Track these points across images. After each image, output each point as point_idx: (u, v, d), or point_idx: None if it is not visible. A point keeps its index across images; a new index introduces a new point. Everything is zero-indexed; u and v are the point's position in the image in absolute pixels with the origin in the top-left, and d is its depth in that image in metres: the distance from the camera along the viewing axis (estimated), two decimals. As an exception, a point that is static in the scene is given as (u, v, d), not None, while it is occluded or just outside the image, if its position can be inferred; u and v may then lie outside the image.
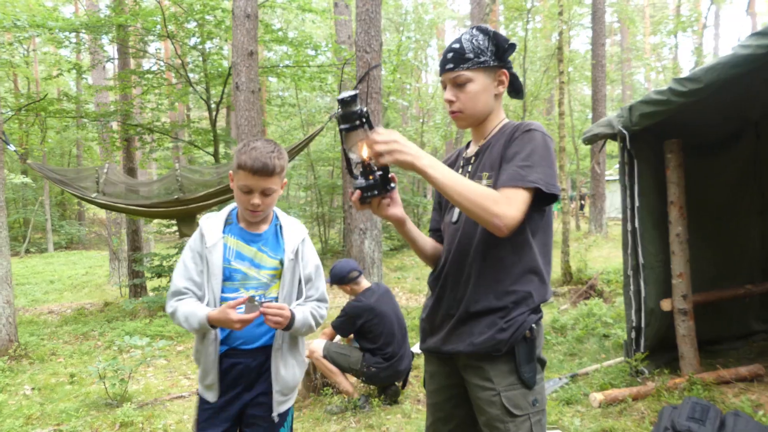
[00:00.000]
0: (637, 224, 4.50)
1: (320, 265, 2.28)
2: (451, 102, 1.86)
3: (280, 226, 2.23)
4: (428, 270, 2.10)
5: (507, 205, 1.64)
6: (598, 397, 4.08)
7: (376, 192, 1.68)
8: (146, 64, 12.71)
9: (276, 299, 2.14)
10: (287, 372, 2.17)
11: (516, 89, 1.92)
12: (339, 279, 4.55)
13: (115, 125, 11.78)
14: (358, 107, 1.61)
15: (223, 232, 2.14)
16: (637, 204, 4.48)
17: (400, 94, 17.94)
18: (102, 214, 19.07)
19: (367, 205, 1.74)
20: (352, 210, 6.80)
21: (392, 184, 1.71)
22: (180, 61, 10.98)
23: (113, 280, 13.33)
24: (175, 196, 7.54)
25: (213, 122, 11.30)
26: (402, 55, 15.15)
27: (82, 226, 25.87)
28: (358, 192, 1.68)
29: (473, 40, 1.83)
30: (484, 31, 1.85)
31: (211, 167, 9.33)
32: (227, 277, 2.10)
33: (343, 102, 1.61)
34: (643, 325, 4.57)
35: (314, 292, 2.23)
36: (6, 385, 5.53)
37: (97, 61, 12.53)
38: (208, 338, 2.09)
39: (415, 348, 5.71)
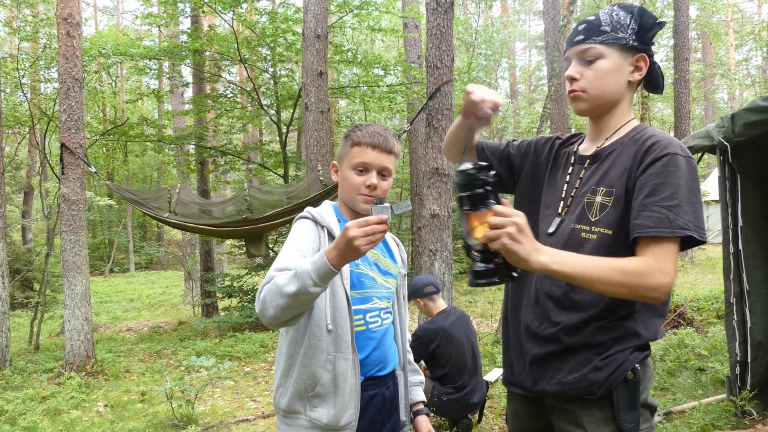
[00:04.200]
0: (741, 246, 4.03)
1: None
2: (573, 79, 1.57)
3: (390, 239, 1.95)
4: (500, 293, 1.80)
5: (660, 272, 1.35)
6: (698, 439, 3.63)
7: (496, 279, 1.40)
8: (220, 88, 13.09)
9: (391, 316, 1.89)
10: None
11: (654, 81, 1.60)
12: (413, 291, 4.31)
13: (191, 149, 12.15)
14: (483, 179, 1.36)
15: None
16: (740, 224, 4.02)
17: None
18: (178, 235, 19.74)
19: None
20: (422, 231, 6.58)
21: (517, 272, 1.41)
22: (252, 85, 11.22)
23: (187, 299, 13.64)
24: (244, 216, 7.59)
25: (283, 144, 11.44)
26: (473, 71, 14.93)
27: (161, 247, 26.93)
28: (471, 275, 1.41)
29: (612, 14, 1.55)
30: (626, 9, 1.56)
31: (279, 187, 9.38)
32: (354, 284, 1.73)
33: (465, 174, 1.37)
34: (749, 359, 4.08)
35: None
36: (81, 401, 5.62)
37: (174, 87, 13.02)
38: (344, 362, 1.66)
39: (489, 376, 5.38)
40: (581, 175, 1.62)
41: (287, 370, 1.72)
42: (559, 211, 1.62)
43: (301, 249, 1.64)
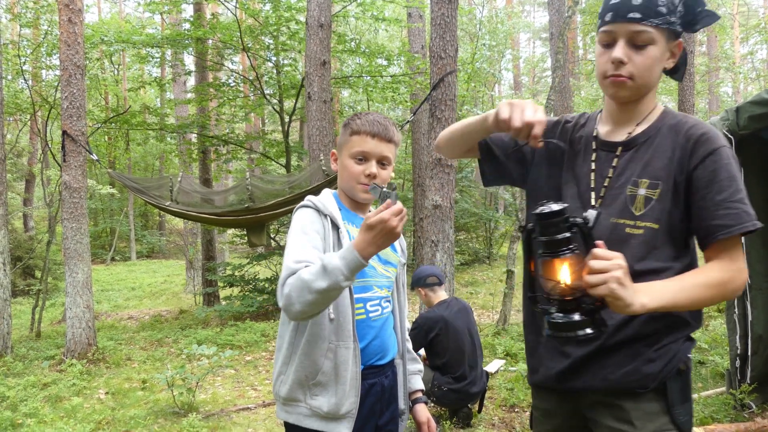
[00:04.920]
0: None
1: None
2: (621, 63, 1.40)
3: None
4: (500, 285, 1.75)
5: (738, 272, 1.35)
6: (698, 432, 3.63)
7: (589, 332, 1.26)
8: (223, 77, 13.05)
9: (391, 305, 1.87)
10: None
11: (677, 67, 1.50)
12: (416, 280, 4.35)
13: (193, 138, 12.13)
14: (570, 222, 1.25)
15: None
16: (743, 217, 4.00)
17: (474, 104, 17.63)
18: (180, 224, 19.75)
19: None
20: (424, 222, 6.57)
21: (606, 327, 1.31)
22: (255, 74, 11.18)
23: (189, 288, 13.67)
24: (246, 205, 7.58)
25: (285, 134, 11.41)
26: (477, 62, 14.87)
27: (162, 236, 26.94)
28: (554, 327, 1.29)
29: None
30: None
31: (281, 177, 9.37)
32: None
33: (543, 216, 1.26)
34: (749, 353, 4.08)
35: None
36: (83, 388, 5.64)
37: (176, 75, 12.98)
38: (345, 351, 1.66)
39: (490, 367, 5.39)
40: (614, 164, 1.50)
41: (288, 357, 1.71)
42: (593, 203, 1.51)
43: (310, 238, 1.63)
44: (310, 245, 1.61)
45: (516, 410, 4.54)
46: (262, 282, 10.03)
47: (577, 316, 1.27)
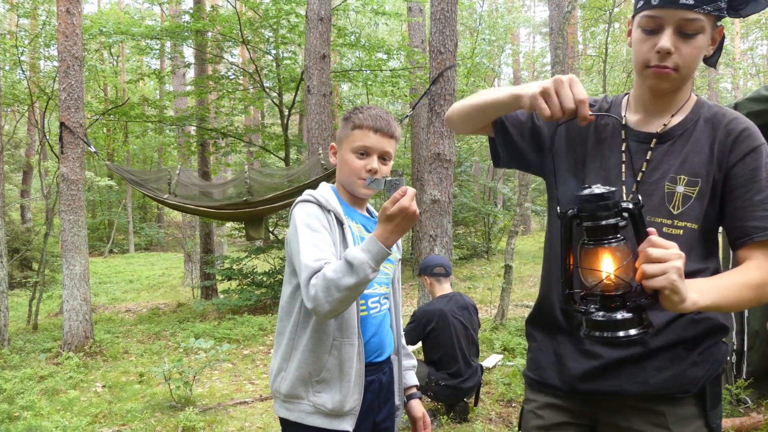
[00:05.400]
0: None
1: None
2: (668, 53, 1.29)
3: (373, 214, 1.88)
4: (499, 279, 1.69)
5: None
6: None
7: (633, 333, 1.14)
8: (223, 69, 13.00)
9: (389, 302, 1.88)
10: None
11: (715, 55, 1.39)
12: (424, 268, 4.36)
13: (192, 130, 12.10)
14: (620, 206, 1.14)
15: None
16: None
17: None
18: (178, 216, 19.72)
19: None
20: (422, 216, 6.56)
21: (653, 328, 1.19)
22: (255, 67, 11.13)
23: (187, 281, 13.66)
24: (244, 199, 7.56)
25: (285, 127, 11.38)
26: (476, 57, 14.82)
27: (161, 229, 26.90)
28: (594, 326, 1.18)
29: None
30: None
31: (280, 170, 9.35)
32: None
33: (589, 199, 1.14)
34: (745, 348, 4.12)
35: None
36: (80, 381, 5.64)
37: (176, 67, 12.93)
38: (350, 347, 1.65)
39: (487, 362, 5.39)
40: (647, 157, 1.41)
41: (288, 354, 1.69)
42: (624, 197, 1.41)
43: (321, 235, 1.60)
44: (323, 242, 1.58)
45: (513, 405, 4.55)
46: (260, 276, 10.02)
47: (621, 314, 1.15)
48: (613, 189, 1.16)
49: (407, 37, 13.14)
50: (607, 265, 1.14)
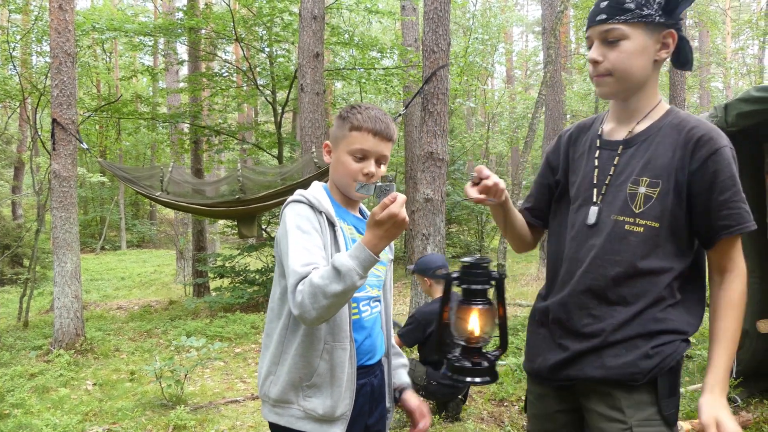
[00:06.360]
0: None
1: None
2: (596, 62, 1.50)
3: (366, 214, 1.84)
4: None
5: (743, 270, 1.49)
6: (684, 426, 3.66)
7: (479, 380, 1.41)
8: (216, 66, 12.96)
9: (380, 304, 1.85)
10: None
11: (683, 58, 1.54)
12: (423, 270, 4.22)
13: (185, 128, 12.05)
14: (489, 273, 1.40)
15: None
16: (732, 215, 4.03)
17: (466, 97, 17.61)
18: (171, 214, 19.67)
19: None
20: (415, 215, 6.57)
21: (496, 379, 1.50)
22: (248, 64, 11.10)
23: (179, 278, 13.62)
24: (237, 196, 7.54)
25: (278, 125, 11.36)
26: (469, 56, 14.84)
27: (153, 226, 26.81)
28: (458, 372, 1.46)
29: None
30: None
31: (273, 168, 9.33)
32: None
33: (469, 267, 1.43)
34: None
35: None
36: (70, 379, 5.61)
37: (169, 64, 12.87)
38: (341, 351, 1.62)
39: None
40: (615, 162, 1.55)
41: (278, 357, 1.66)
42: (594, 199, 1.56)
43: (312, 237, 1.57)
44: (313, 245, 1.55)
45: (505, 404, 4.57)
46: (252, 273, 10.01)
47: (474, 363, 1.40)
48: (485, 257, 1.43)
49: (400, 36, 13.15)
50: (473, 322, 1.37)
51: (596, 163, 1.59)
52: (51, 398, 4.96)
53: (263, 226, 10.83)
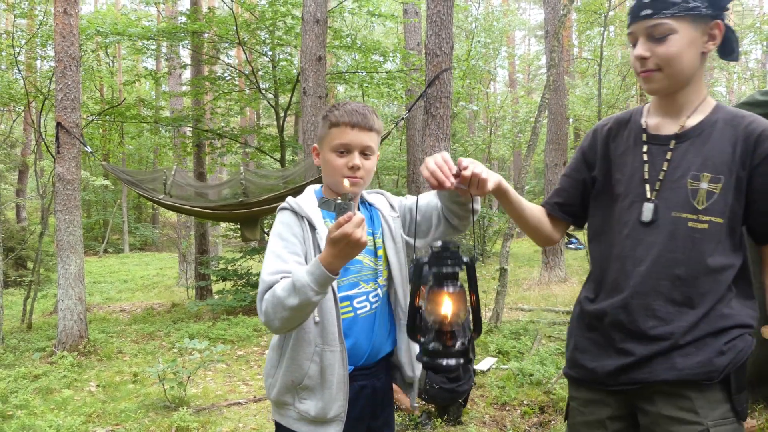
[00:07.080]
0: None
1: None
2: (644, 59, 1.46)
3: (370, 204, 1.82)
4: (495, 282, 1.78)
5: None
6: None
7: (453, 362, 1.37)
8: (219, 70, 13.02)
9: (388, 295, 1.78)
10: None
11: (729, 48, 1.51)
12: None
13: (188, 131, 12.10)
14: (457, 257, 1.38)
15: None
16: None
17: (469, 101, 17.64)
18: (173, 217, 19.72)
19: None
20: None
21: (472, 356, 1.45)
22: (251, 68, 11.15)
23: (181, 281, 13.65)
24: (239, 200, 7.57)
25: (280, 128, 11.39)
26: (472, 59, 14.87)
27: (155, 229, 26.87)
28: (428, 355, 1.40)
29: None
30: None
31: (276, 171, 9.36)
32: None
33: (439, 251, 1.38)
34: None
35: None
36: (74, 381, 5.64)
37: (172, 68, 12.93)
38: (331, 354, 1.60)
39: (482, 365, 5.42)
40: (667, 157, 1.52)
41: (276, 361, 1.69)
42: (648, 196, 1.52)
43: (288, 244, 1.59)
44: (287, 251, 1.57)
45: (507, 408, 4.57)
46: (255, 276, 10.02)
47: (446, 347, 1.37)
48: (454, 241, 1.40)
49: (403, 39, 13.18)
50: (446, 306, 1.35)
51: (645, 158, 1.55)
52: (54, 399, 4.98)
53: (266, 230, 10.86)
